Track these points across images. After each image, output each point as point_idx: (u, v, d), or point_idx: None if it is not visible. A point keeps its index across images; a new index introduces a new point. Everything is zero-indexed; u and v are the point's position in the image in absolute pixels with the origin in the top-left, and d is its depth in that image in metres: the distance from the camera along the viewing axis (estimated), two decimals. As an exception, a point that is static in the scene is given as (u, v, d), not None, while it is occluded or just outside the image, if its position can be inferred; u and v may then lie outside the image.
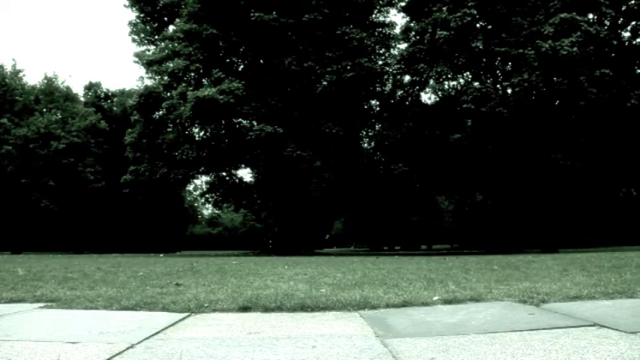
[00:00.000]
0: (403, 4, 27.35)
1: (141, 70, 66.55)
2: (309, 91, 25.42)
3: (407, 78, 27.58)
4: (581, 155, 22.78)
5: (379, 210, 34.32)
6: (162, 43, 29.00)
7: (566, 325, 3.10)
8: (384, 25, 28.43)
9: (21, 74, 42.51)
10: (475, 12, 22.48)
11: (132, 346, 2.72)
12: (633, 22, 24.11)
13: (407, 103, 27.85)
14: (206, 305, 4.13)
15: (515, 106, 23.01)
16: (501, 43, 22.56)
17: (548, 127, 22.75)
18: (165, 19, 30.56)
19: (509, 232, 33.13)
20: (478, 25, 23.95)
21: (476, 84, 24.85)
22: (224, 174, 31.82)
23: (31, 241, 38.28)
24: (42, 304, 4.39)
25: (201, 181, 36.10)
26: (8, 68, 41.55)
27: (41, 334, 3.08)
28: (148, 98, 26.74)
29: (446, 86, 27.32)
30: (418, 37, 25.39)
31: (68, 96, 42.88)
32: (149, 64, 28.31)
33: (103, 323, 3.44)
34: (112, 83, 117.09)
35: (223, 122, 26.60)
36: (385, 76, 27.54)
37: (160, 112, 27.39)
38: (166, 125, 27.42)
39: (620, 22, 24.34)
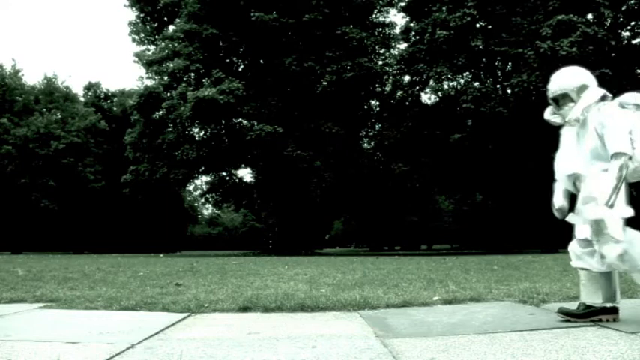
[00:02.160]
0: (403, 4, 27.35)
1: (141, 70, 66.49)
2: (309, 91, 25.43)
3: (407, 78, 27.57)
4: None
5: (379, 210, 34.30)
6: (163, 43, 29.00)
7: (566, 325, 3.11)
8: (384, 25, 28.46)
9: (21, 74, 42.51)
10: (475, 12, 22.47)
11: (132, 346, 2.72)
12: (632, 22, 24.12)
13: (407, 103, 27.83)
14: (206, 305, 4.14)
15: (515, 106, 23.01)
16: (501, 43, 22.55)
17: (548, 126, 22.70)
18: (165, 19, 30.56)
19: (509, 232, 33.13)
20: (478, 25, 23.95)
21: (476, 84, 24.84)
22: (224, 174, 31.82)
23: (31, 241, 38.27)
24: (42, 304, 4.39)
25: (201, 181, 36.16)
26: (8, 68, 41.58)
27: (41, 334, 3.08)
28: (148, 98, 26.72)
29: (446, 86, 27.29)
30: (418, 37, 25.39)
31: (68, 96, 42.87)
32: (149, 64, 28.31)
33: (103, 323, 3.45)
34: (112, 83, 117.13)
35: (223, 122, 26.60)
36: (385, 76, 27.55)
37: (160, 112, 27.37)
38: (166, 125, 27.40)
39: (619, 21, 24.33)
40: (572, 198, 3.35)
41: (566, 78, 3.31)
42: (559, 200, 3.38)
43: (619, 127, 3.03)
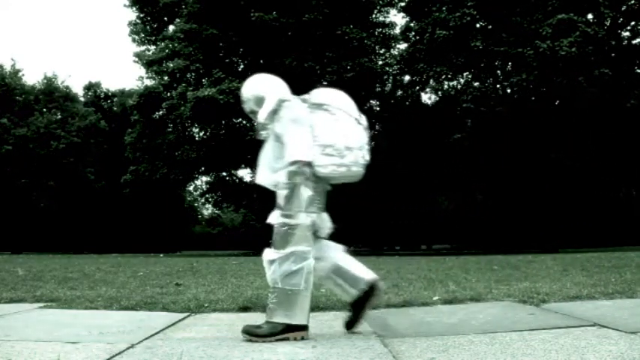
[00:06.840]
0: (403, 4, 27.34)
1: (141, 70, 66.14)
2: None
3: (407, 78, 27.59)
4: (580, 155, 22.78)
5: (379, 210, 34.28)
6: (162, 43, 28.96)
7: (566, 325, 3.10)
8: (384, 25, 28.41)
9: (21, 74, 42.43)
10: (475, 12, 22.47)
11: (132, 346, 2.72)
12: (632, 22, 24.12)
13: (407, 103, 27.84)
14: (206, 305, 4.14)
15: (515, 105, 23.03)
16: (501, 42, 22.55)
17: (548, 126, 22.76)
18: (166, 19, 30.51)
19: (509, 232, 33.13)
20: (478, 25, 23.95)
21: (476, 84, 24.85)
22: (224, 174, 31.78)
23: (31, 241, 38.22)
24: (42, 304, 4.39)
25: (202, 181, 36.13)
26: (8, 68, 41.49)
27: (41, 334, 3.09)
28: (147, 98, 26.74)
29: (446, 86, 27.32)
30: (418, 37, 25.39)
31: (68, 96, 42.75)
32: (149, 64, 28.29)
33: (103, 323, 3.45)
34: (112, 83, 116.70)
35: (223, 122, 26.59)
36: (385, 76, 27.54)
37: (160, 112, 27.38)
38: (166, 125, 27.41)
39: (619, 22, 24.33)
40: None
41: (243, 94, 3.18)
42: None
43: (294, 133, 2.91)
